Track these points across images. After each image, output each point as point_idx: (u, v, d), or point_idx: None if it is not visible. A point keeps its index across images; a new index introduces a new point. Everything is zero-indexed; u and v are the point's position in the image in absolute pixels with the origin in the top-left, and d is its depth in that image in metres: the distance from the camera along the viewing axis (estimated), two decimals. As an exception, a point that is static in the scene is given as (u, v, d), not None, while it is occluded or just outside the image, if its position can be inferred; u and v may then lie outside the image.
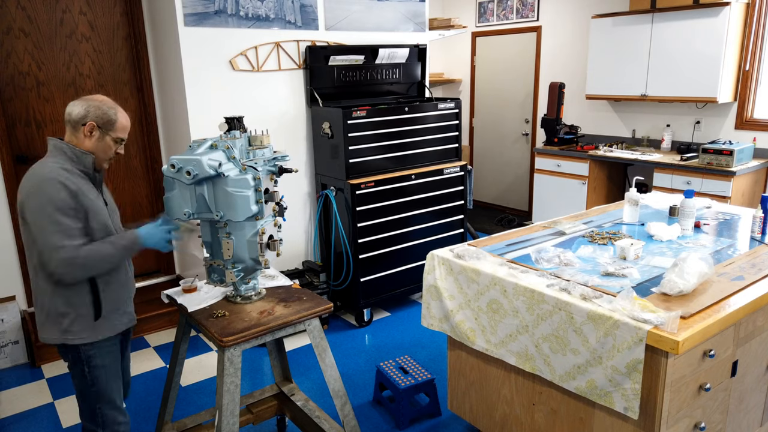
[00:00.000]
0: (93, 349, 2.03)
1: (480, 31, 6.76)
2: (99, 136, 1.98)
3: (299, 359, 3.56)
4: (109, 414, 2.09)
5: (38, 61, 3.75)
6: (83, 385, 2.06)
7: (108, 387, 2.08)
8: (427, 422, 2.94)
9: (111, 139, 2.01)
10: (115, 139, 2.02)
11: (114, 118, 1.99)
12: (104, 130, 1.98)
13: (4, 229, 3.71)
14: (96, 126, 1.97)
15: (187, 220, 2.14)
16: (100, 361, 2.05)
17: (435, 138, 4.20)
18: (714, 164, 4.33)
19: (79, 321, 1.99)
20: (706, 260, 2.08)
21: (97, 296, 2.00)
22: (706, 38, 4.46)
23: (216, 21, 3.60)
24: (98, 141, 1.99)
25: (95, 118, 1.96)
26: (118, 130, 2.01)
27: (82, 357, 2.03)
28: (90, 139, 1.98)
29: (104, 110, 1.98)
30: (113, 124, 1.99)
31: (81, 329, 2.00)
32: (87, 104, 1.97)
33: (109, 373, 2.08)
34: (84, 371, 2.04)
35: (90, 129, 1.96)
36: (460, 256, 2.48)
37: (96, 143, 1.99)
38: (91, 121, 1.96)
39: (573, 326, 2.00)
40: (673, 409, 1.88)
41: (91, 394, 2.06)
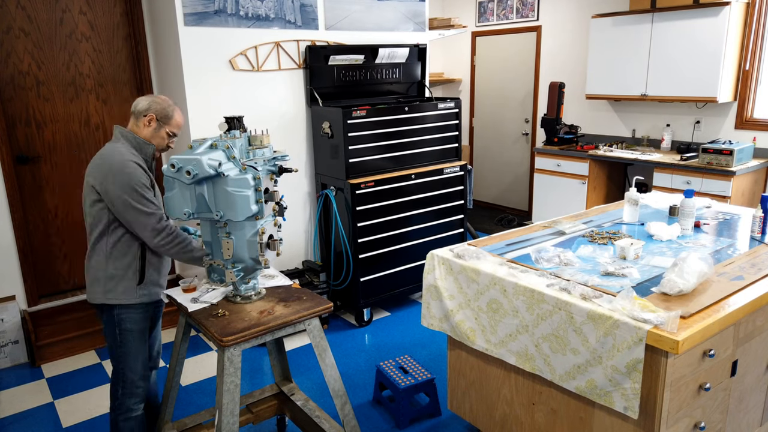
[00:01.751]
0: (125, 313, 2.29)
1: (480, 31, 6.76)
2: (156, 127, 2.29)
3: (299, 359, 3.56)
4: (129, 376, 2.34)
5: (38, 61, 3.75)
6: (114, 344, 2.33)
7: (133, 351, 2.33)
8: (427, 422, 2.94)
9: (165, 132, 2.32)
10: (168, 133, 2.33)
11: (171, 114, 2.32)
12: (161, 123, 2.30)
13: (5, 229, 3.70)
14: (155, 118, 2.28)
15: (188, 219, 2.15)
16: (129, 325, 2.31)
17: (435, 138, 4.20)
18: (714, 164, 4.33)
19: (123, 283, 2.27)
20: (705, 260, 2.08)
21: (143, 265, 2.30)
22: (706, 38, 4.46)
23: (216, 21, 3.60)
24: (154, 131, 2.30)
25: (156, 112, 2.28)
26: (173, 125, 2.33)
27: (116, 319, 2.29)
28: (148, 128, 2.29)
29: (164, 106, 2.30)
30: (169, 119, 2.31)
31: (122, 291, 2.27)
32: (151, 99, 2.31)
33: (136, 338, 2.33)
34: (115, 332, 2.30)
35: (149, 120, 2.28)
36: (460, 256, 2.48)
37: (152, 133, 2.29)
38: (152, 114, 2.27)
39: (573, 326, 2.00)
40: (673, 408, 1.88)
41: (117, 354, 2.32)
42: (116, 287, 2.27)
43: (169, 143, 2.36)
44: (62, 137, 3.91)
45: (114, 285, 2.27)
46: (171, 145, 2.37)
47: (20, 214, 3.75)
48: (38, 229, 3.91)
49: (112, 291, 2.27)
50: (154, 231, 2.20)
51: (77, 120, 3.96)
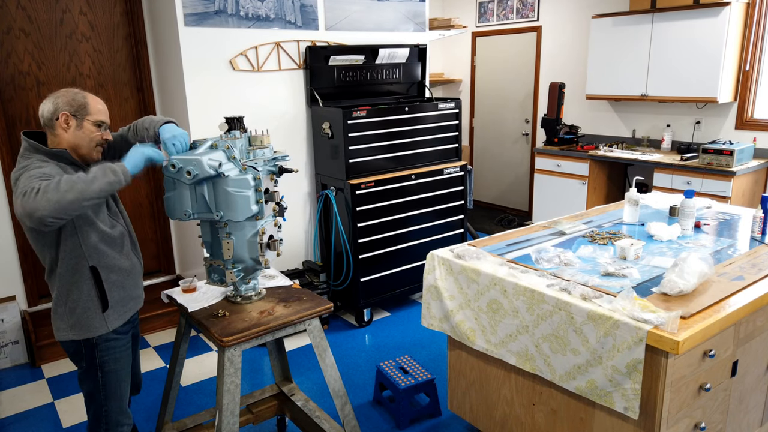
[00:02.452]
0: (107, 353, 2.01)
1: (480, 31, 6.76)
2: (77, 125, 1.93)
3: (299, 359, 3.56)
4: (114, 417, 2.08)
5: (38, 61, 3.75)
6: (94, 388, 2.04)
7: (118, 389, 2.07)
8: (427, 422, 2.94)
9: (90, 124, 1.95)
10: (95, 123, 1.95)
11: (84, 101, 1.94)
12: (80, 117, 1.93)
13: (4, 229, 3.71)
14: (69, 114, 1.91)
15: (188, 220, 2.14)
16: (113, 365, 2.04)
17: (435, 138, 4.20)
18: (714, 164, 4.33)
19: (87, 315, 1.96)
20: (706, 260, 2.08)
21: (101, 287, 1.97)
22: (706, 38, 4.46)
23: (216, 21, 3.60)
24: (77, 129, 1.93)
25: (66, 107, 1.91)
26: (94, 113, 1.95)
27: (96, 361, 2.00)
28: (68, 130, 1.92)
29: (71, 96, 1.93)
30: (86, 107, 1.94)
31: (91, 323, 1.97)
32: (53, 98, 1.93)
33: (120, 376, 2.07)
34: (96, 375, 2.02)
35: (65, 119, 1.91)
36: (460, 256, 2.48)
37: (76, 132, 1.93)
38: (63, 111, 1.90)
39: (573, 326, 2.00)
40: (673, 409, 1.88)
41: (99, 399, 2.05)
42: (79, 321, 1.96)
43: (104, 136, 1.99)
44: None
45: (76, 319, 1.96)
46: (108, 137, 2.01)
47: (20, 215, 3.75)
48: (38, 230, 3.90)
49: (77, 326, 1.96)
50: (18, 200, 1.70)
51: (77, 120, 3.95)
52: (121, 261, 2.04)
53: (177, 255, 4.45)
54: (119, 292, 2.04)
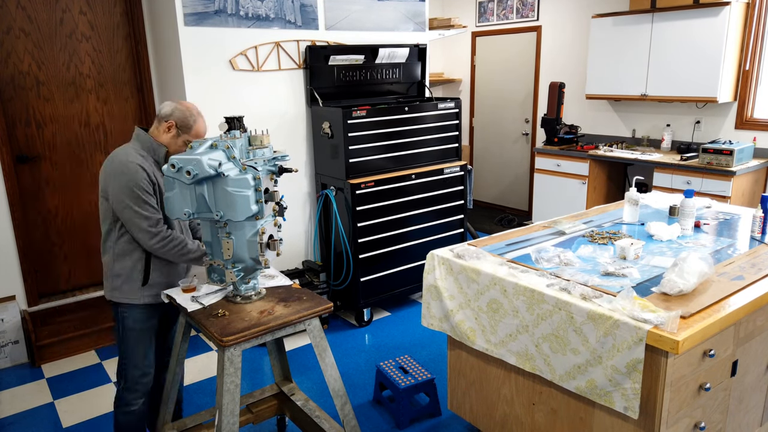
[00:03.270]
0: (128, 311, 2.33)
1: (480, 31, 6.76)
2: (174, 134, 2.30)
3: (299, 359, 3.56)
4: (131, 372, 2.38)
5: (38, 61, 3.75)
6: (118, 340, 2.39)
7: (134, 348, 2.36)
8: (427, 422, 2.94)
9: (183, 141, 2.31)
10: (186, 141, 2.31)
11: (191, 124, 2.31)
12: (180, 131, 2.31)
13: (5, 229, 3.70)
14: (175, 125, 2.29)
15: (188, 219, 2.15)
16: (131, 323, 2.34)
17: (435, 138, 4.20)
18: (714, 164, 4.33)
19: (128, 284, 2.30)
20: (706, 260, 2.08)
21: (148, 267, 2.32)
22: (706, 38, 4.46)
23: (216, 21, 3.60)
24: (173, 138, 2.31)
25: (177, 119, 2.29)
26: (192, 135, 2.32)
27: (119, 316, 2.35)
28: (167, 135, 2.30)
29: (186, 115, 2.30)
30: (189, 129, 2.31)
31: (126, 291, 2.31)
32: (175, 105, 2.31)
33: (137, 337, 2.35)
34: (119, 328, 2.36)
35: (169, 126, 2.30)
36: (460, 256, 2.48)
37: (170, 139, 2.31)
38: (173, 120, 2.29)
39: (573, 326, 2.00)
40: (673, 408, 1.88)
41: (120, 350, 2.38)
42: (121, 286, 2.31)
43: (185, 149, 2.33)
44: (62, 137, 3.92)
45: (119, 284, 2.31)
46: None
47: (20, 214, 3.75)
48: (38, 229, 3.91)
49: (117, 289, 2.32)
50: (147, 234, 2.22)
51: (77, 120, 3.96)
52: None
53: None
54: (160, 276, 2.36)
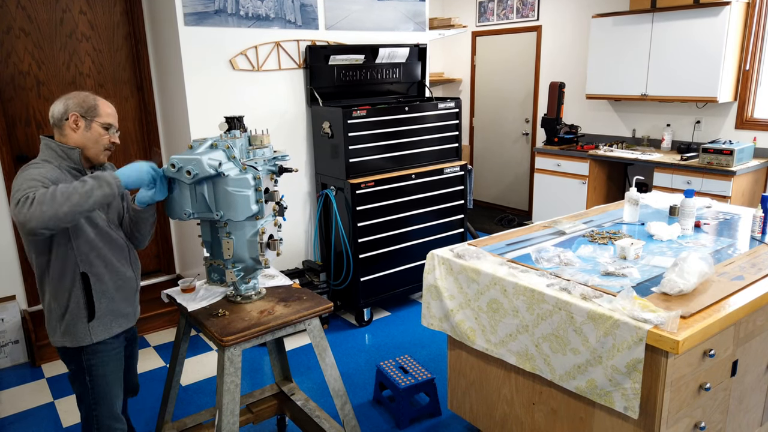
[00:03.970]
0: (94, 357, 2.02)
1: (480, 31, 6.76)
2: (85, 125, 1.96)
3: (299, 359, 3.57)
4: (105, 423, 2.07)
5: (38, 61, 3.75)
6: (83, 390, 2.05)
7: (108, 394, 2.06)
8: (427, 422, 2.94)
9: (99, 126, 1.98)
10: (103, 125, 1.98)
11: (94, 103, 1.97)
12: (89, 118, 1.96)
13: (4, 229, 3.71)
14: (79, 115, 1.95)
15: (188, 219, 2.14)
16: (101, 370, 2.03)
17: (435, 138, 4.20)
18: (714, 164, 4.33)
19: (75, 323, 1.97)
20: (706, 260, 2.08)
21: (89, 297, 1.98)
22: (707, 38, 4.46)
23: (216, 20, 3.60)
24: (86, 130, 1.96)
25: (76, 108, 1.95)
26: (103, 115, 1.98)
27: (84, 365, 2.02)
28: (77, 131, 1.96)
29: (82, 98, 1.97)
30: (96, 109, 1.97)
31: (77, 331, 1.98)
32: (65, 99, 1.97)
33: (108, 382, 2.06)
34: (84, 378, 2.03)
35: (74, 120, 1.95)
36: (460, 256, 2.48)
37: (84, 133, 1.96)
38: (73, 112, 1.94)
39: (573, 326, 2.00)
40: (673, 408, 1.88)
41: (89, 402, 2.05)
42: (68, 328, 1.97)
43: (111, 140, 2.01)
44: (62, 137, 3.91)
45: (65, 326, 1.97)
46: (115, 141, 2.03)
47: (20, 214, 3.75)
48: (38, 229, 3.90)
49: (67, 333, 1.97)
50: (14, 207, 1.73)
51: (77, 120, 3.96)
52: (115, 272, 2.04)
53: (177, 255, 4.45)
54: (108, 303, 2.02)
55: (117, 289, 2.05)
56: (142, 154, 4.23)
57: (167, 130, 4.16)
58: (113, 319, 2.05)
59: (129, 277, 2.10)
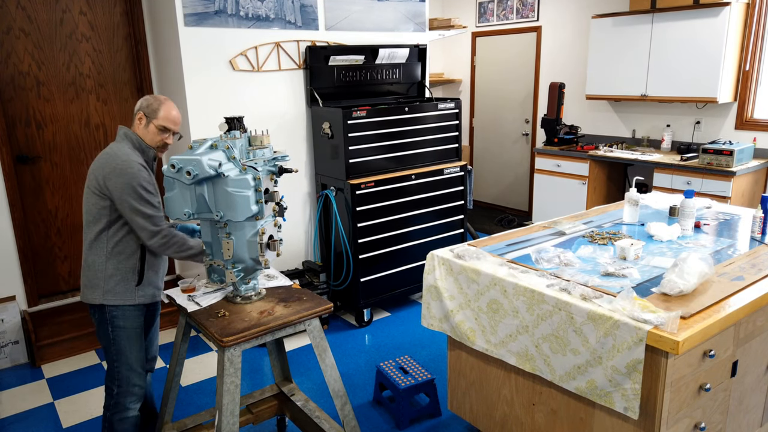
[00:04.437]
0: (118, 311, 2.27)
1: (480, 31, 6.76)
2: (145, 124, 2.26)
3: (299, 359, 3.56)
4: (125, 374, 2.31)
5: (38, 61, 3.75)
6: (107, 342, 2.30)
7: (128, 348, 2.30)
8: (427, 422, 2.94)
9: (155, 127, 2.26)
10: (158, 127, 2.26)
11: (157, 107, 2.27)
12: (149, 118, 2.26)
13: (5, 229, 3.70)
14: (144, 115, 2.26)
15: (188, 220, 2.15)
16: (122, 322, 2.28)
17: (435, 138, 4.20)
18: (714, 164, 4.33)
19: (122, 284, 2.26)
20: (706, 260, 2.08)
21: (143, 266, 2.29)
22: (706, 38, 4.46)
23: (216, 21, 3.60)
24: (145, 128, 2.27)
25: (144, 108, 2.26)
26: (161, 119, 2.26)
27: (107, 317, 2.27)
28: (140, 127, 2.27)
29: (150, 101, 2.28)
30: (156, 113, 2.26)
31: (121, 292, 2.26)
32: (143, 98, 2.29)
33: (130, 336, 2.30)
34: (108, 330, 2.28)
35: (139, 118, 2.27)
36: (460, 256, 2.48)
37: (143, 130, 2.27)
38: (141, 111, 2.26)
39: (573, 326, 2.00)
40: (673, 409, 1.88)
41: (112, 352, 2.30)
42: (115, 288, 2.25)
43: (164, 140, 2.30)
44: (62, 137, 3.92)
45: (113, 285, 2.25)
46: (168, 142, 2.32)
47: (20, 214, 3.75)
48: (38, 229, 3.91)
49: (110, 291, 2.25)
50: (150, 233, 2.19)
51: (77, 120, 3.96)
52: None
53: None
54: (152, 275, 2.35)
55: (160, 265, 2.40)
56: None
57: (167, 131, 4.15)
58: (152, 289, 2.37)
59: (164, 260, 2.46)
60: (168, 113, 2.28)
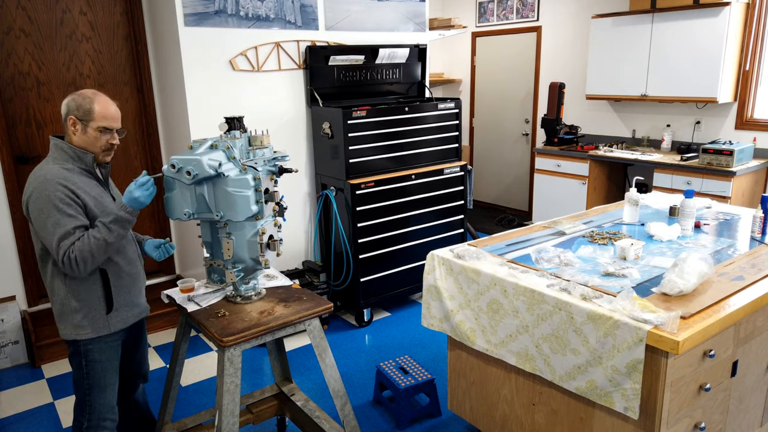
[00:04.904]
0: (93, 344, 2.08)
1: (480, 31, 6.76)
2: (81, 129, 1.97)
3: (299, 359, 3.56)
4: (98, 408, 2.13)
5: (38, 61, 3.75)
6: (79, 375, 2.11)
7: (102, 381, 2.12)
8: (427, 422, 2.94)
9: (93, 130, 1.97)
10: (97, 129, 1.97)
11: (89, 107, 1.95)
12: (84, 122, 1.96)
13: (5, 229, 3.70)
14: (76, 119, 1.96)
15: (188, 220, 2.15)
16: (97, 355, 2.09)
17: (435, 138, 4.20)
18: (714, 164, 4.33)
19: (91, 316, 2.04)
20: (706, 260, 2.08)
21: (108, 290, 2.06)
22: (706, 38, 4.46)
23: (216, 21, 3.60)
24: (82, 134, 1.98)
25: (73, 111, 1.96)
26: (98, 119, 1.96)
27: (81, 349, 2.08)
28: (76, 134, 1.98)
29: (79, 102, 1.95)
30: (90, 114, 1.96)
31: (91, 325, 2.05)
32: (68, 99, 1.97)
33: (105, 369, 2.12)
34: (81, 363, 2.09)
35: (72, 123, 1.97)
36: (460, 256, 2.48)
37: (81, 137, 1.98)
38: (71, 115, 1.96)
39: (573, 326, 2.00)
40: (673, 409, 1.88)
41: (83, 386, 2.11)
42: (82, 322, 2.03)
43: (109, 141, 2.01)
44: (62, 137, 3.91)
45: (79, 320, 2.02)
46: (114, 143, 2.03)
47: (20, 214, 3.75)
48: (38, 230, 3.90)
49: (80, 326, 2.03)
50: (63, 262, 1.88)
51: (77, 120, 3.95)
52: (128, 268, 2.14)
53: (177, 255, 4.45)
54: (125, 296, 2.13)
55: (133, 282, 2.16)
56: (142, 153, 4.23)
57: (167, 131, 4.16)
58: (129, 310, 2.14)
59: (139, 270, 2.21)
60: (104, 111, 1.97)
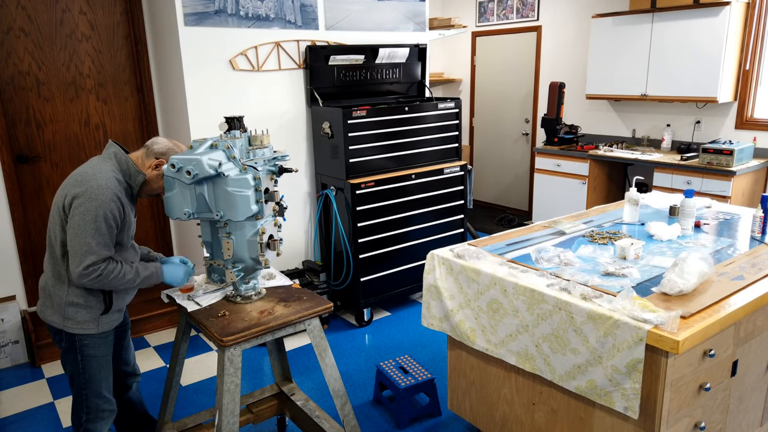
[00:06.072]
0: (88, 339, 2.15)
1: (480, 31, 6.76)
2: (160, 173, 2.18)
3: (299, 359, 3.57)
4: (94, 402, 2.20)
5: (38, 61, 3.75)
6: (75, 370, 2.17)
7: (98, 376, 2.19)
8: (427, 422, 2.94)
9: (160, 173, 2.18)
10: None
11: None
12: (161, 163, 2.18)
13: (5, 229, 3.70)
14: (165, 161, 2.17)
15: (188, 219, 2.15)
16: (92, 351, 2.16)
17: (435, 138, 4.20)
18: (714, 164, 4.33)
19: (86, 312, 2.11)
20: (706, 260, 2.08)
21: (110, 295, 2.16)
22: (706, 38, 4.46)
23: (216, 21, 3.60)
24: (158, 177, 2.19)
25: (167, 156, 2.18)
26: None
27: (77, 345, 2.14)
28: (153, 171, 2.18)
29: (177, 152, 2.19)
30: None
31: (85, 320, 2.12)
32: (170, 146, 2.22)
33: (101, 364, 2.19)
34: (76, 358, 2.15)
35: (158, 165, 2.18)
36: (460, 256, 2.48)
37: (155, 177, 2.19)
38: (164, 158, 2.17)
39: (573, 326, 2.00)
40: (673, 408, 1.88)
41: (80, 381, 2.18)
42: (75, 315, 2.10)
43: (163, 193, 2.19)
44: (62, 137, 3.92)
45: (74, 313, 2.10)
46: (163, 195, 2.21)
47: (20, 214, 3.75)
48: (38, 229, 3.91)
49: (71, 319, 2.10)
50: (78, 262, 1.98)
51: (77, 120, 3.96)
52: None
53: (177, 255, 4.45)
54: (119, 303, 2.22)
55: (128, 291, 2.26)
56: (142, 154, 4.23)
57: (167, 131, 4.16)
58: (118, 314, 2.23)
59: None
60: None
